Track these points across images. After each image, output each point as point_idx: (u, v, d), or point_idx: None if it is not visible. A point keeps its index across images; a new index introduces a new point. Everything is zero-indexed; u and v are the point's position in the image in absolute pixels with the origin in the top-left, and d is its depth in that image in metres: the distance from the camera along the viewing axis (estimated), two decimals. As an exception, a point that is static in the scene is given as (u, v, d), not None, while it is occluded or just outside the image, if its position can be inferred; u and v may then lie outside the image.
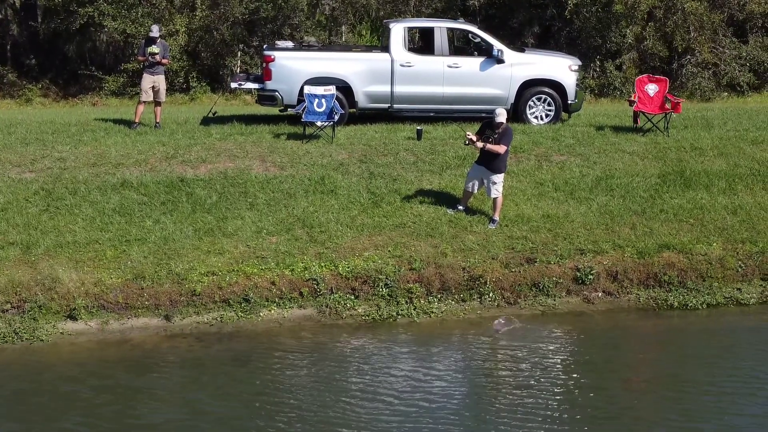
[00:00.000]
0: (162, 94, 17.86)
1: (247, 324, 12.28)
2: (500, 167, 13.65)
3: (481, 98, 17.76)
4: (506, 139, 13.61)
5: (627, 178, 15.08)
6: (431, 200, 14.37)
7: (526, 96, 17.79)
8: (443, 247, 13.24)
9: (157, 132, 17.42)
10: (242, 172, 15.15)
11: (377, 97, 17.68)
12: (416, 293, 12.67)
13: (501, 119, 13.58)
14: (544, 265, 13.05)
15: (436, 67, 17.64)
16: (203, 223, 13.70)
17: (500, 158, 13.58)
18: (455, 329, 12.23)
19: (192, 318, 12.33)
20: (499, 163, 13.60)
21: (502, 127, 13.60)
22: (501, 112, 13.68)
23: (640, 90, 17.12)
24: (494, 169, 13.59)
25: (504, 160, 13.71)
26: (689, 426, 9.58)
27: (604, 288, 13.01)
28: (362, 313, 12.49)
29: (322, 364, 11.14)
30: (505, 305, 12.75)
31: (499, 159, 13.57)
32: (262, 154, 15.89)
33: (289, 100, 17.45)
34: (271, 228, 13.63)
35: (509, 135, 13.71)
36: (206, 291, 12.45)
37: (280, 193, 14.54)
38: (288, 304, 12.52)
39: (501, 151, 13.49)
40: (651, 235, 13.62)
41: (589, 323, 12.45)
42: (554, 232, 13.64)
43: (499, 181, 13.64)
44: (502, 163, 13.69)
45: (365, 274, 12.76)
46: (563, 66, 17.94)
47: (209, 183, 14.81)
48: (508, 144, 13.67)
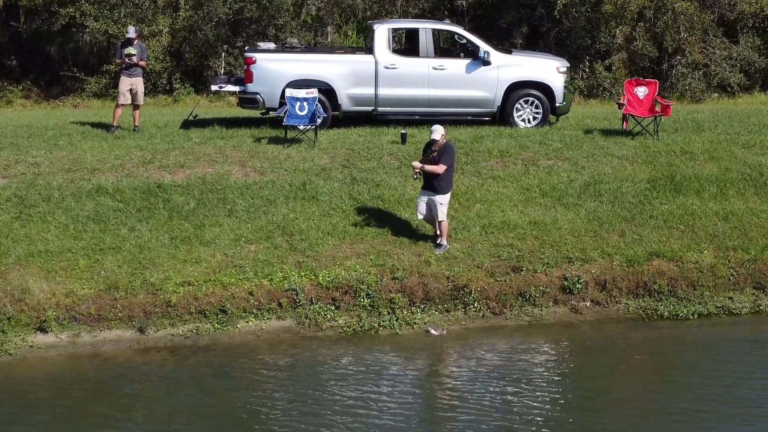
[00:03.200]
0: (140, 96, 17.44)
1: (223, 336, 11.88)
2: (443, 188, 12.72)
3: (468, 101, 17.41)
4: (446, 158, 12.66)
5: (616, 183, 14.72)
6: (415, 207, 13.96)
7: (513, 98, 17.42)
8: (427, 255, 12.87)
9: (135, 136, 16.99)
10: (221, 178, 14.74)
11: (361, 99, 17.28)
12: (399, 303, 12.29)
13: (435, 136, 12.70)
14: (530, 273, 12.69)
15: (421, 69, 17.25)
16: (180, 231, 13.29)
17: (441, 178, 12.68)
18: (439, 341, 11.84)
19: (167, 330, 11.92)
20: (441, 184, 12.69)
21: (438, 145, 12.73)
22: (435, 129, 12.77)
23: (629, 93, 16.77)
24: (436, 189, 12.70)
25: (447, 180, 12.80)
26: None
27: (593, 297, 12.66)
28: (343, 324, 12.10)
29: (301, 378, 10.74)
30: (490, 315, 12.38)
31: (441, 179, 12.67)
32: (242, 159, 15.48)
33: (271, 103, 17.04)
34: (250, 236, 13.24)
35: (449, 153, 12.79)
36: (182, 302, 12.05)
37: (260, 200, 14.14)
38: (266, 316, 12.14)
39: (440, 171, 12.60)
40: (640, 242, 13.27)
41: (577, 334, 12.09)
42: (541, 239, 13.28)
43: (444, 203, 12.76)
44: (445, 183, 12.77)
45: (346, 283, 12.38)
46: (551, 68, 17.57)
47: (187, 189, 14.40)
48: (449, 162, 12.69)
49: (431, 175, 12.67)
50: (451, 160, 12.82)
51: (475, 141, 16.28)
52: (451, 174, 12.95)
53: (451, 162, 12.79)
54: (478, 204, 14.13)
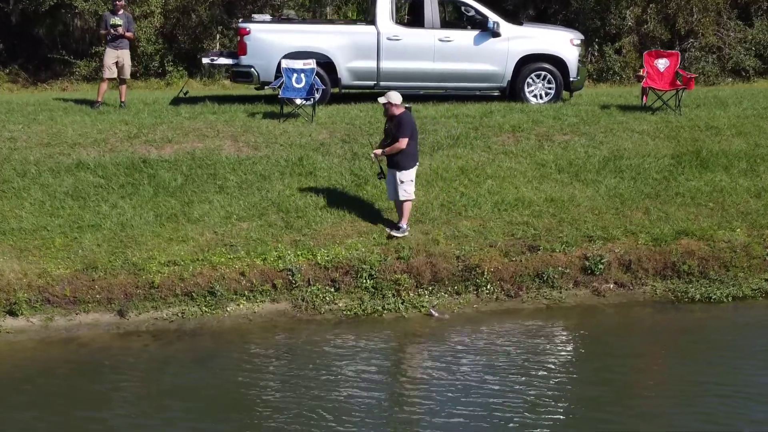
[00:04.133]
0: (127, 70, 16.36)
1: (212, 320, 10.79)
2: (404, 163, 11.47)
3: (475, 75, 16.36)
4: (403, 130, 11.35)
5: (637, 159, 13.64)
6: (421, 183, 12.90)
7: (524, 73, 16.36)
8: (435, 233, 11.78)
9: (120, 111, 15.90)
10: (212, 153, 13.67)
11: (362, 73, 16.22)
12: (404, 285, 11.20)
13: (382, 99, 11.54)
14: (548, 253, 11.59)
15: (427, 41, 16.19)
16: (166, 208, 12.21)
17: (403, 153, 11.45)
18: (449, 326, 10.75)
19: (149, 314, 10.83)
20: (401, 159, 11.46)
21: (396, 117, 11.50)
22: (387, 93, 11.59)
23: (649, 65, 15.69)
24: (397, 165, 11.49)
25: (410, 155, 11.51)
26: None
27: (617, 279, 11.56)
28: (343, 307, 11.01)
29: (297, 367, 9.65)
30: (504, 298, 11.29)
31: (402, 154, 11.45)
32: (234, 134, 14.40)
33: (266, 77, 15.96)
34: (242, 213, 12.16)
35: (407, 124, 11.43)
36: (166, 283, 10.97)
37: (253, 175, 13.06)
38: (259, 298, 11.05)
39: (402, 146, 11.36)
40: (667, 220, 12.18)
41: (601, 318, 11.00)
42: (559, 217, 12.20)
43: (405, 179, 11.47)
44: (407, 158, 11.49)
45: (347, 263, 11.29)
46: (564, 40, 16.50)
47: (174, 164, 13.32)
48: (408, 134, 11.38)
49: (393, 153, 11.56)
50: (411, 129, 11.52)
51: (485, 116, 15.23)
52: (414, 146, 11.69)
53: (411, 132, 11.51)
54: (489, 180, 13.05)
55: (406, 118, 11.56)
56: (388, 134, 11.69)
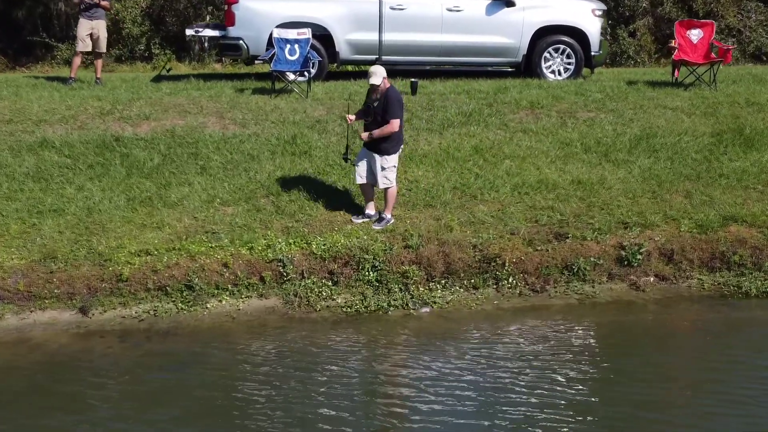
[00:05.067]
0: (102, 43, 14.84)
1: (188, 319, 9.25)
2: (388, 148, 9.90)
3: (487, 48, 14.86)
4: (393, 110, 9.76)
5: (673, 137, 12.13)
6: (431, 163, 11.40)
7: (540, 46, 14.86)
8: (448, 218, 10.25)
9: (95, 88, 14.35)
10: (194, 130, 12.15)
11: (362, 46, 14.71)
12: (413, 278, 9.67)
13: (375, 80, 9.72)
14: (578, 241, 10.06)
15: (434, 11, 14.71)
16: (139, 191, 10.69)
17: (390, 135, 9.87)
18: (465, 325, 9.20)
19: (116, 311, 9.29)
20: (388, 142, 9.89)
21: (381, 92, 9.80)
22: (374, 71, 9.79)
23: (681, 36, 14.19)
24: (381, 150, 9.91)
25: (398, 137, 9.97)
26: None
27: (657, 271, 10.02)
28: (342, 303, 9.48)
29: (288, 375, 8.12)
30: (529, 293, 9.75)
31: (390, 136, 9.88)
32: (220, 110, 12.88)
33: (256, 50, 14.45)
34: (227, 196, 10.63)
35: (395, 102, 9.82)
36: (136, 275, 9.43)
37: (240, 155, 11.55)
38: (245, 293, 9.51)
39: (394, 128, 9.80)
40: (711, 204, 10.66)
41: (640, 316, 9.45)
42: (588, 201, 10.68)
43: (388, 166, 9.90)
44: (394, 142, 9.93)
45: (347, 253, 9.76)
46: (585, 10, 14.99)
47: (151, 143, 11.81)
48: (399, 114, 9.84)
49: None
50: (402, 110, 9.96)
51: (499, 91, 13.73)
52: (402, 130, 10.11)
53: (401, 113, 9.95)
54: (507, 160, 11.54)
55: (395, 95, 9.91)
56: (371, 113, 9.98)
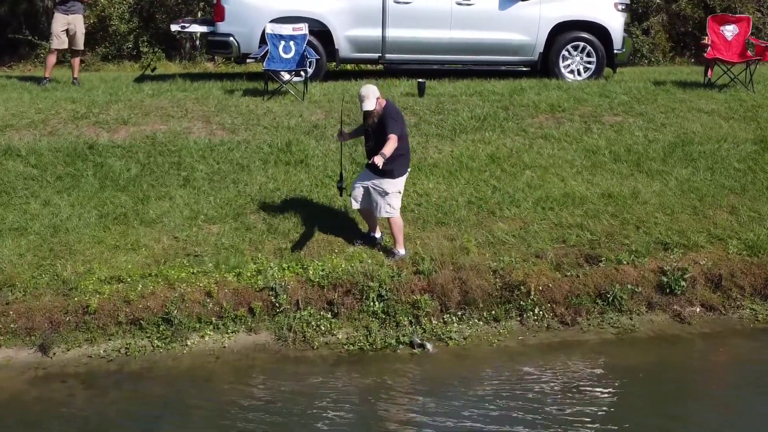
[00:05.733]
0: (80, 40, 13.58)
1: (165, 358, 7.98)
2: (394, 168, 8.39)
3: (500, 46, 13.60)
4: (393, 125, 8.22)
5: (711, 145, 10.90)
6: (442, 173, 10.15)
7: (558, 43, 13.60)
8: (463, 239, 9.00)
9: (71, 89, 13.08)
10: (177, 137, 10.90)
11: (364, 43, 13.45)
12: (425, 309, 8.40)
13: (368, 105, 8.22)
14: (612, 266, 8.81)
15: (442, 5, 13.45)
16: (114, 206, 9.44)
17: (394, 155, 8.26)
18: (486, 366, 7.95)
19: (81, 349, 8.02)
20: (389, 164, 8.23)
21: (377, 114, 8.32)
22: (365, 93, 8.27)
23: (714, 32, 12.96)
24: (382, 171, 8.32)
25: (400, 157, 8.42)
26: None
27: (704, 299, 8.77)
28: (344, 339, 8.21)
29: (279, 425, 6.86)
30: (558, 326, 8.49)
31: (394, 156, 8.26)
32: (206, 114, 11.62)
33: (248, 47, 13.17)
34: (212, 212, 9.37)
35: (393, 118, 8.29)
36: (106, 307, 8.17)
37: (228, 165, 10.30)
38: (231, 327, 8.24)
39: (392, 146, 8.09)
40: (761, 221, 9.43)
41: (687, 353, 8.22)
42: (621, 217, 9.43)
43: (392, 191, 8.49)
44: (397, 163, 8.39)
45: (348, 280, 8.50)
46: (607, 4, 13.72)
47: (129, 151, 10.56)
48: (399, 130, 8.26)
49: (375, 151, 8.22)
50: (402, 124, 8.45)
51: (515, 93, 12.48)
52: (406, 146, 8.62)
53: (402, 128, 8.42)
54: (527, 171, 10.30)
55: (391, 111, 8.41)
56: (369, 136, 8.56)
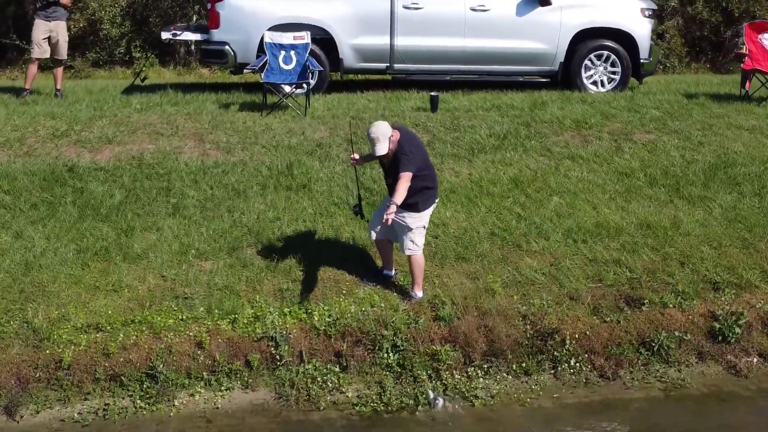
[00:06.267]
0: (62, 48, 12.54)
1: (149, 421, 6.94)
2: (417, 202, 7.34)
3: (518, 55, 12.59)
4: (406, 163, 7.10)
5: (757, 167, 9.89)
6: (460, 200, 9.13)
7: (581, 52, 12.60)
8: (488, 278, 7.97)
9: (52, 102, 12.05)
10: (166, 158, 9.87)
11: (370, 52, 12.42)
12: (446, 361, 7.37)
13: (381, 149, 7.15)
14: (656, 309, 7.79)
15: (455, 11, 12.43)
16: (94, 239, 8.40)
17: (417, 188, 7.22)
18: (516, 426, 6.93)
19: (53, 411, 6.98)
20: (417, 196, 7.30)
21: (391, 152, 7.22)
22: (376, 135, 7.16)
23: (752, 41, 11.96)
24: (403, 205, 7.17)
25: (425, 190, 7.37)
26: None
27: (762, 348, 7.73)
28: (354, 398, 7.18)
29: None
30: (597, 380, 7.46)
31: (413, 188, 7.13)
32: (199, 132, 10.59)
33: (245, 57, 12.14)
34: (204, 246, 8.34)
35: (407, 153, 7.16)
36: (82, 361, 7.14)
37: (223, 190, 9.27)
38: (225, 383, 7.21)
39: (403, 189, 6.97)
40: (821, 257, 8.40)
41: (746, 414, 7.19)
42: (662, 251, 8.40)
43: (416, 226, 7.43)
44: (421, 196, 7.34)
45: (359, 328, 7.47)
46: (633, 9, 12.71)
47: (112, 174, 9.53)
48: (414, 166, 7.12)
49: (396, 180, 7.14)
50: (419, 157, 7.30)
51: (536, 107, 11.48)
52: (431, 176, 7.50)
53: (419, 161, 7.26)
54: (554, 196, 9.27)
55: (406, 144, 7.26)
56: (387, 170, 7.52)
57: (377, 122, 7.38)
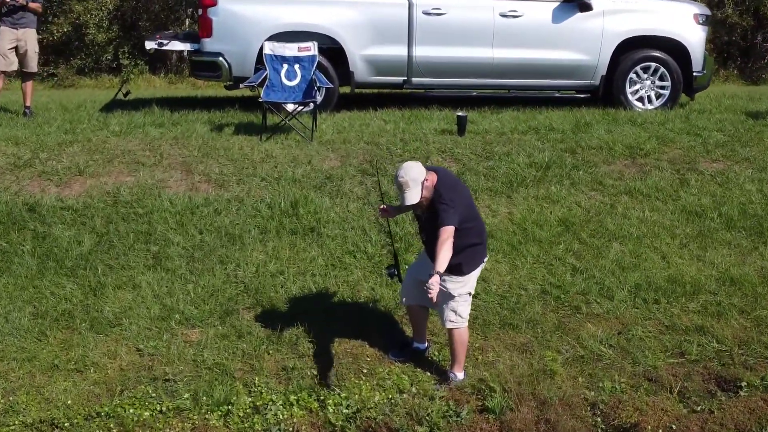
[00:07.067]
0: (32, 60, 11.07)
1: None
2: (465, 263, 5.84)
3: (554, 67, 11.06)
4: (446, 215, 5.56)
5: None
6: (501, 247, 7.56)
7: (625, 64, 11.08)
8: (544, 354, 6.39)
9: (18, 123, 10.48)
10: (147, 194, 8.28)
11: (386, 64, 10.87)
12: (498, 467, 5.80)
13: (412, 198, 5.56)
14: (757, 394, 6.20)
15: (483, 16, 10.90)
16: (56, 300, 6.82)
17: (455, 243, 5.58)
18: None
19: None
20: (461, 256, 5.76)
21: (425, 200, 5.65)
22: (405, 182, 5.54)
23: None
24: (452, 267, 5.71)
25: (473, 246, 5.86)
26: None
27: None
28: None
29: None
30: (689, 491, 5.88)
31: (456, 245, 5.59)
32: (187, 161, 9.01)
33: (241, 70, 10.58)
34: (191, 310, 6.76)
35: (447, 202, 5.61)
36: (31, 471, 5.56)
37: (215, 235, 7.69)
38: (215, 499, 5.64)
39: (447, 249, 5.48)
40: None
41: None
42: (754, 315, 6.84)
43: (459, 293, 5.89)
44: (470, 254, 5.85)
45: (385, 422, 5.88)
46: (685, 15, 11.19)
47: (82, 215, 7.95)
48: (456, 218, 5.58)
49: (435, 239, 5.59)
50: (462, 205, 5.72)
51: (579, 129, 9.94)
52: (477, 229, 5.93)
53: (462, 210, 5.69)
54: (614, 243, 7.71)
55: (444, 191, 5.66)
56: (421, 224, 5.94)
57: (407, 163, 5.74)
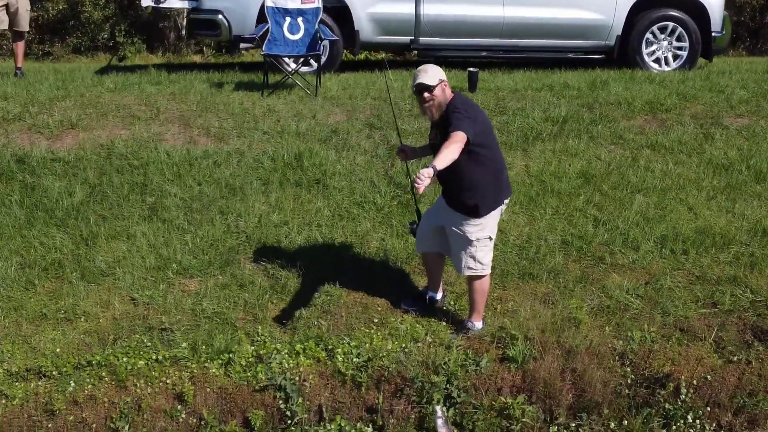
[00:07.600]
0: (23, 19, 10.62)
1: None
2: (477, 203, 5.29)
3: (567, 27, 10.66)
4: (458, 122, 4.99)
5: None
6: (519, 199, 7.15)
7: (641, 24, 10.68)
8: (568, 303, 5.95)
9: (8, 81, 10.06)
10: (143, 146, 7.85)
11: (392, 24, 10.46)
12: (520, 419, 5.35)
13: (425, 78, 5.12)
14: (797, 345, 5.79)
15: (493, -26, 10.44)
16: (45, 250, 6.40)
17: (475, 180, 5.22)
18: None
19: (-29, 496, 4.98)
20: (474, 191, 5.26)
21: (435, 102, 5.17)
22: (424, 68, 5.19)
23: None
24: (466, 207, 5.32)
25: (490, 181, 5.29)
26: None
27: None
28: (395, 473, 5.18)
29: None
30: (726, 447, 5.46)
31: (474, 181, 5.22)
32: (185, 115, 8.58)
33: (241, 27, 10.18)
34: (189, 260, 6.33)
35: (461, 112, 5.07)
36: (16, 421, 5.12)
37: (214, 186, 7.27)
38: (216, 451, 5.21)
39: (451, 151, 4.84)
40: None
41: None
42: (788, 265, 6.41)
43: (477, 237, 5.35)
44: (481, 192, 5.28)
45: (399, 372, 5.45)
46: (704, -27, 10.76)
47: (74, 167, 7.52)
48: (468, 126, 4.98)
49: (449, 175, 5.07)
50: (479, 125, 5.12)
51: (596, 87, 9.52)
52: (495, 163, 5.33)
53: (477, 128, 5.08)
54: (638, 195, 7.28)
55: (462, 104, 5.18)
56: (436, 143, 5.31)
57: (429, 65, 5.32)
